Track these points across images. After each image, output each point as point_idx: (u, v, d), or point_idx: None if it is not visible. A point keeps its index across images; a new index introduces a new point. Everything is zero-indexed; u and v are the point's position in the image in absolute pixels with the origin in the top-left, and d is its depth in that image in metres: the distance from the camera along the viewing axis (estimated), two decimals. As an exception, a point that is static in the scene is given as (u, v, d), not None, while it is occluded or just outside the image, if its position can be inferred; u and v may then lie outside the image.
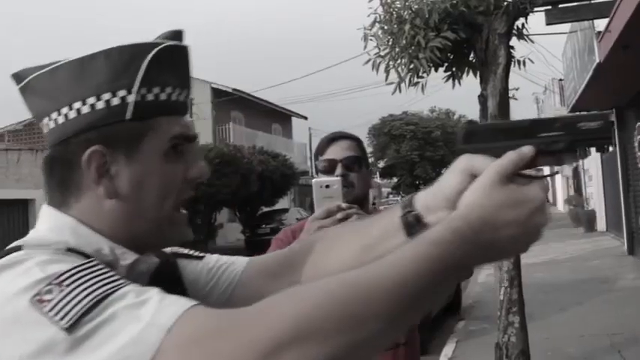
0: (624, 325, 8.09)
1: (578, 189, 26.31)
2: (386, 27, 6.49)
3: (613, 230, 18.92)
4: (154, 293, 0.84)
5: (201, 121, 29.91)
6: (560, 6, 8.40)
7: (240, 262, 1.28)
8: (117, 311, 0.80)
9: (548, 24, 8.58)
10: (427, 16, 6.16)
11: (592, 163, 21.08)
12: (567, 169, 31.13)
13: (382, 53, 6.49)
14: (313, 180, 1.96)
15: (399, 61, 6.40)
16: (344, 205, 1.83)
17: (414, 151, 52.30)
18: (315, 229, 1.78)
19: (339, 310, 0.78)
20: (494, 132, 1.03)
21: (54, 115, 1.03)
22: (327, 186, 1.92)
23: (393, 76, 6.48)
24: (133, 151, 1.02)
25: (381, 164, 56.67)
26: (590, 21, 10.58)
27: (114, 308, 0.80)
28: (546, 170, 1.11)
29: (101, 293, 0.82)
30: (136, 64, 1.02)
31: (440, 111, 61.49)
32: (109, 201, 1.02)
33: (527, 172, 0.96)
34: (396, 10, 6.44)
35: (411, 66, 6.26)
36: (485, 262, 0.94)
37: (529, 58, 6.93)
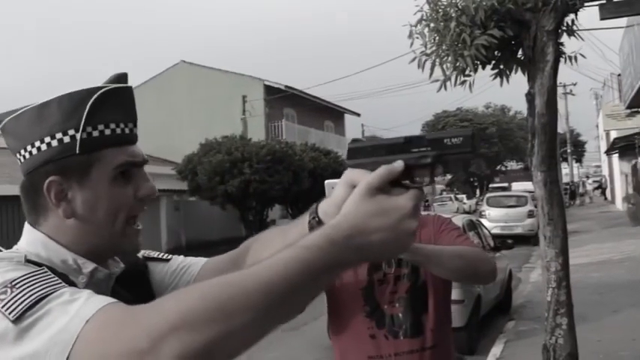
0: (680, 328, 7.87)
1: (636, 187, 25.65)
2: (432, 25, 6.44)
3: (673, 229, 18.42)
4: (85, 294, 1.02)
5: (254, 118, 30.16)
6: (615, 0, 8.20)
7: (199, 263, 1.51)
8: (52, 307, 0.99)
9: (602, 19, 8.38)
10: (473, 13, 6.09)
11: (651, 160, 20.56)
12: (626, 167, 30.40)
13: (428, 51, 6.44)
14: (326, 181, 2.02)
15: (444, 59, 6.35)
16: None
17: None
18: None
19: (213, 304, 0.92)
20: (374, 148, 1.17)
21: (22, 151, 1.26)
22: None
23: (439, 73, 6.45)
24: (83, 179, 1.23)
25: (435, 161, 56.26)
26: (647, 15, 10.31)
27: (50, 305, 1.00)
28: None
29: (42, 293, 1.01)
30: (82, 107, 1.22)
31: (495, 107, 60.77)
32: (69, 220, 1.24)
33: (405, 183, 1.09)
34: (442, 7, 6.38)
35: (457, 64, 6.20)
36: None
37: (581, 54, 6.77)
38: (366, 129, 49.49)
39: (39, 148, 1.23)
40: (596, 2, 7.82)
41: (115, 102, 1.26)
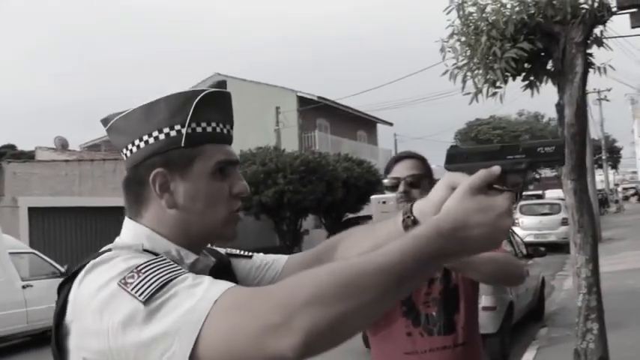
0: None
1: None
2: (463, 38, 6.62)
3: None
4: (207, 279, 1.13)
5: (288, 129, 30.46)
6: (645, 8, 8.27)
7: (282, 259, 1.62)
8: (179, 290, 1.09)
9: (633, 27, 8.48)
10: (503, 27, 6.26)
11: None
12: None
13: (460, 64, 6.62)
14: (372, 197, 2.21)
15: (475, 71, 6.52)
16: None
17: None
18: None
19: (342, 284, 1.03)
20: (472, 154, 1.30)
21: (129, 146, 1.36)
22: (384, 202, 2.18)
23: (471, 85, 6.62)
24: (186, 171, 1.33)
25: (468, 169, 55.96)
26: (678, 23, 10.35)
27: (177, 288, 1.10)
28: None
29: (168, 277, 1.12)
30: (188, 105, 1.34)
31: (528, 114, 60.39)
32: (170, 210, 1.33)
33: (497, 186, 1.22)
34: (473, 22, 6.56)
35: (488, 77, 6.38)
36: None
37: (610, 65, 6.90)
38: (399, 138, 49.53)
39: (146, 142, 1.33)
40: (627, 11, 7.95)
41: (215, 104, 1.38)
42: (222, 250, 1.56)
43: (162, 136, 1.33)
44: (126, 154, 1.38)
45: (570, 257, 6.62)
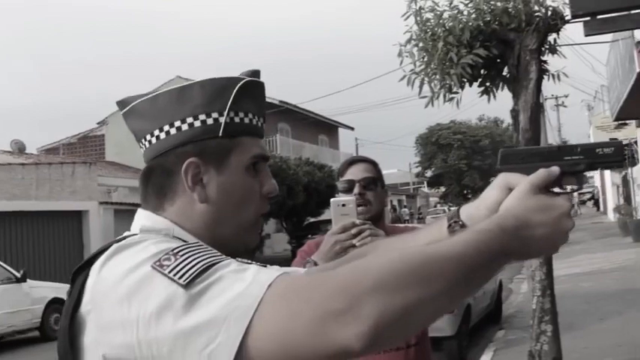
0: (663, 335, 8.12)
1: (627, 198, 25.94)
2: (420, 44, 6.69)
3: (662, 240, 18.68)
4: (253, 265, 1.04)
5: (249, 132, 30.39)
6: (599, 17, 8.45)
7: (298, 271, 1.49)
8: (224, 274, 0.97)
9: (586, 35, 8.64)
10: (460, 33, 6.35)
11: (640, 171, 20.84)
12: (617, 178, 30.71)
13: (417, 69, 6.69)
14: (331, 200, 2.21)
15: (432, 77, 6.60)
16: (358, 221, 2.10)
17: (462, 160, 52.05)
18: (332, 243, 2.06)
19: (411, 270, 0.94)
20: (526, 155, 1.27)
21: (156, 132, 1.23)
22: (344, 205, 2.19)
23: (428, 90, 6.69)
24: (221, 163, 1.22)
25: (429, 173, 56.57)
26: (631, 31, 10.60)
27: (221, 272, 0.97)
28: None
29: (210, 261, 0.99)
30: (227, 92, 1.23)
31: (488, 119, 61.11)
32: (200, 205, 1.21)
33: (556, 188, 1.21)
34: (430, 27, 6.64)
35: (444, 82, 6.46)
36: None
37: (563, 73, 7.05)
38: (360, 142, 49.79)
39: (179, 128, 1.21)
40: (580, 19, 8.12)
41: (253, 94, 1.28)
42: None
43: (197, 123, 1.21)
44: (150, 141, 1.24)
45: (526, 261, 6.73)
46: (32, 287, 13.07)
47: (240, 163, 1.24)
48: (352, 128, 44.30)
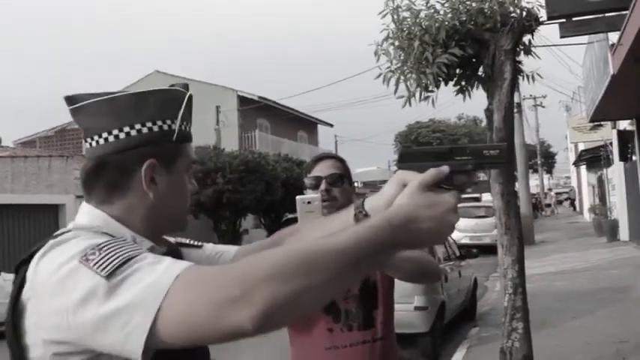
0: (633, 333, 8.24)
1: (602, 198, 26.22)
2: (397, 43, 6.73)
3: (635, 240, 18.90)
4: (167, 258, 1.16)
5: (228, 128, 30.32)
6: (574, 19, 8.54)
7: (232, 250, 1.69)
8: (141, 266, 1.12)
9: (562, 37, 8.73)
10: (435, 32, 6.40)
11: (615, 172, 21.06)
12: (593, 178, 31.03)
13: (393, 68, 6.72)
14: (297, 197, 2.26)
15: (408, 75, 6.64)
16: (322, 218, 2.13)
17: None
18: None
19: (299, 262, 1.08)
20: (421, 154, 1.37)
21: (114, 131, 1.36)
22: (309, 202, 2.24)
23: (404, 89, 6.73)
24: (171, 166, 1.40)
25: (408, 171, 56.60)
26: (605, 33, 10.72)
27: (138, 264, 1.12)
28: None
29: (129, 255, 1.14)
30: (177, 103, 1.42)
31: (467, 118, 61.44)
32: (148, 200, 1.37)
33: (445, 185, 1.30)
34: (407, 26, 6.68)
35: (420, 81, 6.50)
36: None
37: (538, 74, 7.11)
38: (339, 139, 49.82)
39: (139, 131, 1.36)
40: (555, 21, 8.21)
41: (189, 105, 1.47)
42: (171, 240, 1.60)
43: (155, 128, 1.37)
44: (106, 139, 1.36)
45: (499, 258, 6.81)
46: (6, 280, 12.96)
47: (183, 167, 1.44)
48: (331, 125, 44.35)
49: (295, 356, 2.72)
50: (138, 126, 1.36)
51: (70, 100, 1.40)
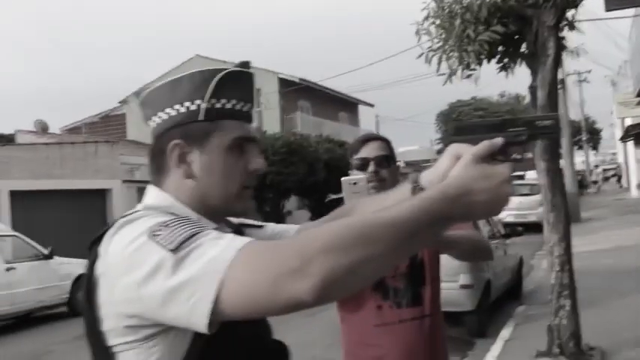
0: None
1: (650, 174, 25.69)
2: (438, 22, 6.71)
3: (685, 215, 18.53)
4: (230, 234, 1.22)
5: (269, 110, 30.46)
6: (620, -8, 8.40)
7: (293, 228, 1.74)
8: (204, 241, 1.17)
9: (607, 10, 8.61)
10: (477, 10, 6.35)
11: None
12: (640, 153, 30.43)
13: (434, 47, 6.71)
14: (342, 179, 2.29)
15: (450, 54, 6.62)
16: (378, 195, 2.18)
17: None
18: None
19: (356, 234, 1.11)
20: (476, 127, 1.39)
21: (154, 118, 1.45)
22: (355, 183, 2.28)
23: (446, 67, 6.71)
24: (203, 144, 1.41)
25: (450, 150, 56.11)
26: (652, 5, 10.49)
27: (202, 239, 1.17)
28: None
29: (194, 231, 1.19)
30: (209, 81, 1.42)
31: (509, 96, 60.58)
32: (187, 180, 1.41)
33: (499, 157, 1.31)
34: (448, 4, 6.64)
35: (462, 59, 6.48)
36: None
37: (583, 48, 7.05)
38: (380, 119, 49.61)
39: (169, 114, 1.42)
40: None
41: (237, 82, 1.45)
42: (234, 221, 1.63)
43: (182, 109, 1.41)
44: (152, 126, 1.47)
45: (544, 236, 6.78)
46: (59, 264, 13.28)
47: (220, 144, 1.42)
48: (372, 105, 44.16)
49: (346, 333, 2.77)
50: (168, 110, 1.42)
51: (136, 94, 1.52)
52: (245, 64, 1.50)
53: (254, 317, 1.19)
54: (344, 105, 40.04)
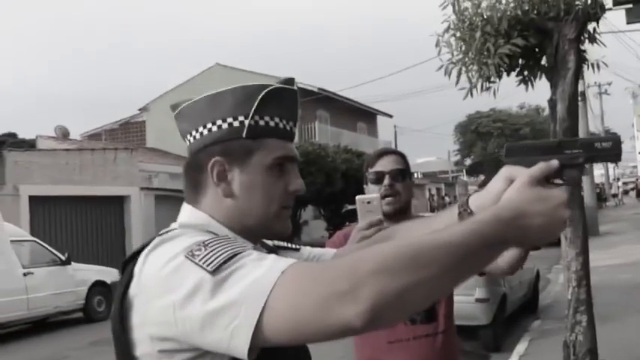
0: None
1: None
2: (458, 34, 6.70)
3: None
4: (272, 255, 1.17)
5: (288, 120, 30.50)
6: (642, 4, 8.33)
7: (330, 252, 1.69)
8: (246, 262, 1.12)
9: (628, 22, 8.54)
10: (498, 23, 6.34)
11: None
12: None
13: (454, 59, 6.69)
14: (357, 197, 2.29)
15: (470, 67, 6.60)
16: (382, 218, 2.17)
17: (502, 149, 51.21)
18: (359, 238, 2.13)
19: (407, 257, 1.05)
20: (529, 148, 1.35)
21: (193, 132, 1.39)
22: (369, 202, 2.27)
23: (465, 80, 6.70)
24: (244, 163, 1.35)
25: (468, 162, 56.12)
26: (674, 19, 10.40)
27: (244, 260, 1.12)
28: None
29: (235, 251, 1.14)
30: (254, 98, 1.36)
31: (529, 107, 60.33)
32: (226, 199, 1.36)
33: (556, 180, 1.28)
34: (468, 17, 6.63)
35: (482, 72, 6.46)
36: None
37: (603, 62, 6.99)
38: (399, 130, 49.58)
39: (210, 130, 1.36)
40: (621, 7, 8.02)
41: (281, 100, 1.40)
42: (269, 243, 1.59)
43: (225, 125, 1.35)
44: (189, 140, 1.41)
45: (562, 251, 6.73)
46: (76, 270, 13.38)
47: (262, 163, 1.36)
48: (391, 116, 44.17)
49: (359, 349, 2.76)
50: (209, 125, 1.36)
51: (174, 107, 1.46)
52: (290, 81, 1.45)
53: (298, 343, 1.14)
54: (362, 115, 40.06)
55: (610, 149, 1.29)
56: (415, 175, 33.94)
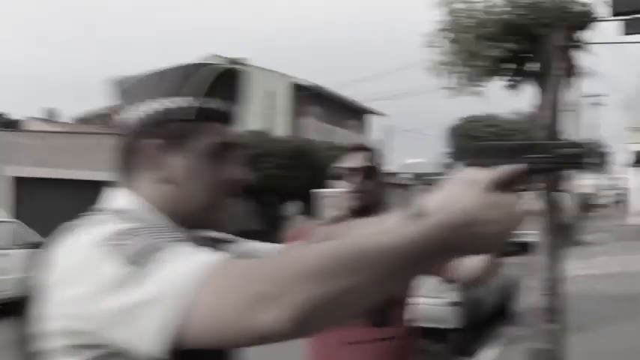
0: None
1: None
2: (450, 35, 6.66)
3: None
4: (201, 248, 1.08)
5: (279, 114, 30.44)
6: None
7: (273, 249, 1.58)
8: (170, 255, 1.02)
9: (626, 34, 8.54)
10: (490, 27, 6.31)
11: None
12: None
13: (444, 60, 6.66)
14: (320, 191, 2.24)
15: (459, 68, 6.57)
16: (347, 213, 2.13)
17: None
18: (318, 234, 2.09)
19: (339, 261, 0.96)
20: (497, 150, 1.25)
21: (132, 110, 1.27)
22: (334, 197, 2.22)
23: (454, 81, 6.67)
24: (184, 146, 1.25)
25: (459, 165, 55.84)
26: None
27: (167, 254, 1.02)
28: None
29: (160, 242, 1.05)
30: (194, 79, 1.26)
31: (525, 114, 60.29)
32: (162, 185, 1.25)
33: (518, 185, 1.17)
34: (460, 18, 6.60)
35: (470, 74, 6.44)
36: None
37: (593, 71, 7.01)
38: (390, 130, 49.51)
39: (150, 109, 1.26)
40: (616, 18, 8.01)
41: (225, 82, 1.30)
42: (206, 234, 1.44)
43: (164, 106, 1.25)
44: (125, 118, 1.29)
45: (538, 258, 6.72)
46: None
47: (201, 148, 1.27)
48: (384, 115, 44.06)
49: (315, 351, 2.69)
50: (148, 104, 1.26)
51: (115, 82, 1.34)
52: (236, 62, 1.38)
53: (220, 346, 1.07)
54: (355, 113, 39.97)
55: (579, 156, 1.19)
56: (405, 175, 33.83)
